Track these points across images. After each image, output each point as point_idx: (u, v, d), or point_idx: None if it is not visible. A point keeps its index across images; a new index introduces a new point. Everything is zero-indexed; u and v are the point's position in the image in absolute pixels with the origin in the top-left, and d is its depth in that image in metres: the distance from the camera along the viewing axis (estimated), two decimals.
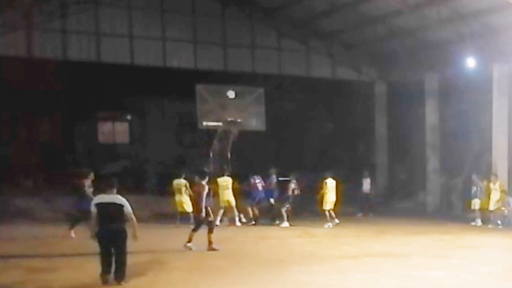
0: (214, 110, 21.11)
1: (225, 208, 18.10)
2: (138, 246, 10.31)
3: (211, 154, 21.36)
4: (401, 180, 25.92)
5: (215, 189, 17.14)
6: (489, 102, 20.35)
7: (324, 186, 18.41)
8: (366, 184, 22.88)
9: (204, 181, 13.31)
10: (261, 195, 19.19)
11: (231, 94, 21.24)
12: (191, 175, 17.39)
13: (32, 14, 19.96)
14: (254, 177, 19.31)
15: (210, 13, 22.97)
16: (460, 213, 21.54)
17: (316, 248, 14.10)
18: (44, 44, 20.47)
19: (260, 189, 19.14)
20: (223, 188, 17.86)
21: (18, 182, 22.48)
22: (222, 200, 17.77)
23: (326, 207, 18.41)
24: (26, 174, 23.56)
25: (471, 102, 22.26)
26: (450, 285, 10.15)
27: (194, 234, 13.20)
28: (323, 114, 28.40)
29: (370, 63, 25.56)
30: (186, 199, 17.27)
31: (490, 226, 18.64)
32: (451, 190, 23.43)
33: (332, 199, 18.45)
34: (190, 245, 13.13)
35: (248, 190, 19.18)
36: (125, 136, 29.96)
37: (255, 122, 21.96)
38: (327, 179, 18.56)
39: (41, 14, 20.07)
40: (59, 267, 11.12)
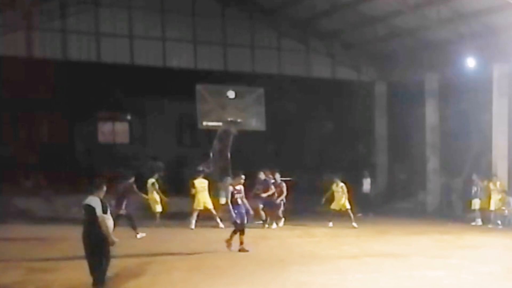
0: (214, 110, 21.11)
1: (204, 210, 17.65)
2: (138, 246, 10.36)
3: (211, 154, 21.38)
4: (401, 180, 25.92)
5: (193, 191, 17.21)
6: (489, 102, 20.34)
7: (340, 190, 18.20)
8: (366, 184, 22.91)
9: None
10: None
11: (231, 94, 21.24)
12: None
13: (32, 14, 19.97)
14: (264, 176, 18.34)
15: (210, 13, 22.98)
16: (460, 213, 21.53)
17: (316, 248, 14.10)
18: (44, 44, 20.47)
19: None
20: (200, 190, 17.45)
21: (18, 182, 22.47)
22: (198, 202, 17.35)
23: (335, 207, 18.30)
24: (26, 174, 23.56)
25: (471, 102, 22.26)
26: (450, 285, 10.16)
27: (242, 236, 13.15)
28: (323, 114, 28.38)
29: (370, 63, 25.57)
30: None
31: (490, 226, 18.65)
32: (451, 190, 23.41)
33: (342, 201, 18.27)
34: (244, 246, 13.06)
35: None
36: (125, 136, 29.97)
37: (255, 122, 21.96)
38: (338, 183, 18.34)
39: (41, 14, 20.09)
40: (59, 267, 11.13)
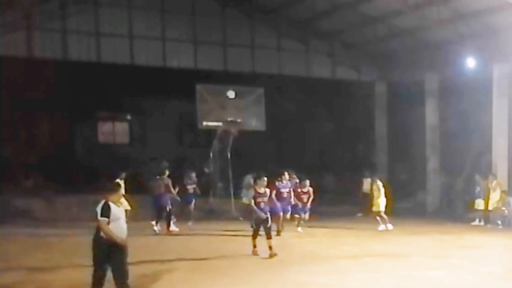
0: (214, 110, 21.07)
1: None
2: (138, 246, 10.34)
3: (211, 154, 21.38)
4: (401, 180, 25.89)
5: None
6: (489, 102, 20.32)
7: (376, 189, 18.04)
8: (366, 184, 22.87)
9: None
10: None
11: (231, 94, 21.20)
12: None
13: (32, 14, 19.94)
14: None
15: (210, 13, 22.95)
16: (460, 213, 21.53)
17: (316, 248, 14.10)
18: (44, 44, 20.43)
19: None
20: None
21: (18, 182, 22.48)
22: None
23: (381, 209, 17.99)
24: (26, 174, 23.57)
25: (471, 102, 22.26)
26: (450, 285, 10.16)
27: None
28: (323, 114, 28.40)
29: (370, 63, 25.54)
30: None
31: (489, 226, 18.65)
32: (451, 190, 23.43)
33: (384, 202, 18.12)
34: (273, 252, 12.59)
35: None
36: (125, 136, 29.98)
37: (255, 122, 21.92)
38: (378, 182, 18.22)
39: (41, 14, 20.07)
40: (59, 267, 11.13)
